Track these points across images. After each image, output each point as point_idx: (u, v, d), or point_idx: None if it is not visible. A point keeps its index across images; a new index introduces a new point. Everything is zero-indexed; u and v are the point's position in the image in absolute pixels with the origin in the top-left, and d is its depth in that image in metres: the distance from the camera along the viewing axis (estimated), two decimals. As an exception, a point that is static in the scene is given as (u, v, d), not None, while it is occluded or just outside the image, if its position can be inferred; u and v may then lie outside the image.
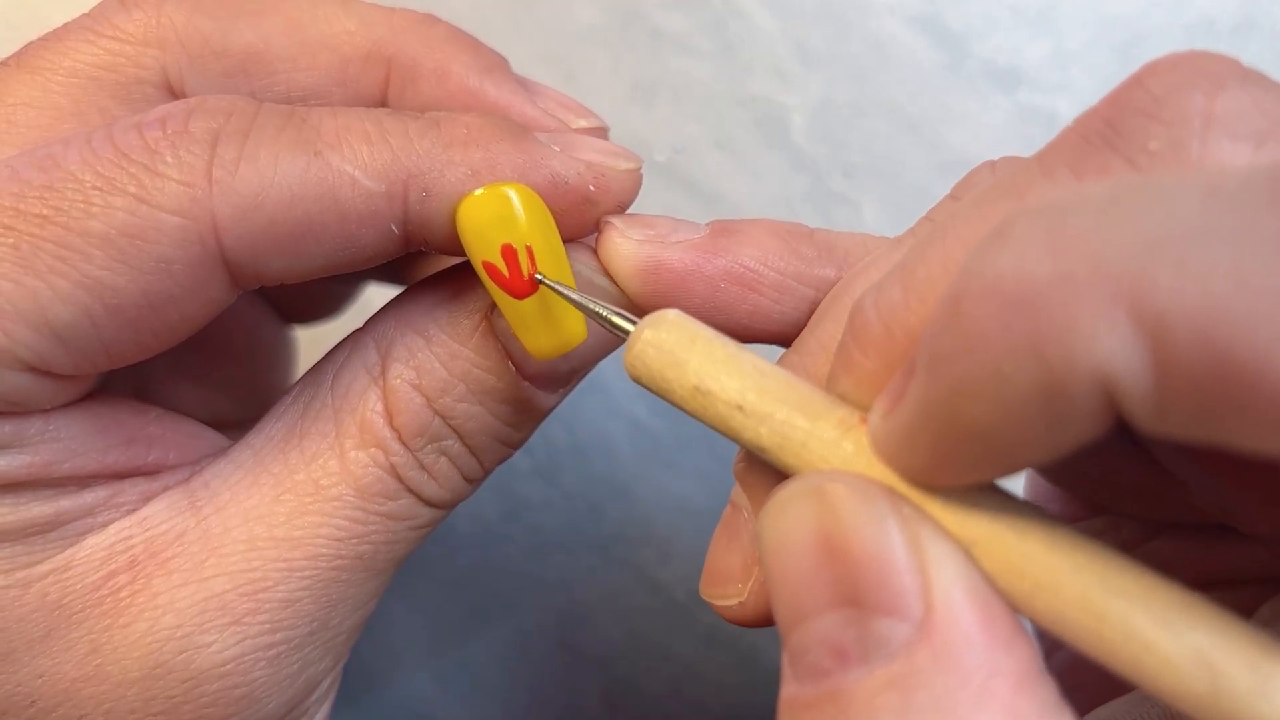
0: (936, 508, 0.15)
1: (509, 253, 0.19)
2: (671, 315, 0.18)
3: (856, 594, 0.14)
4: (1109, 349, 0.12)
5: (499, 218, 0.19)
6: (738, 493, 0.20)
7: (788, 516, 0.15)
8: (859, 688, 0.13)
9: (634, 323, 0.18)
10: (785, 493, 0.15)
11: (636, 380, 0.18)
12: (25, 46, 0.21)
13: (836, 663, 0.14)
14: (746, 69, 0.37)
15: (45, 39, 0.21)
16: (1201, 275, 0.11)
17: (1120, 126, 0.15)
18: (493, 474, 0.38)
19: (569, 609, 0.37)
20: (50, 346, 0.18)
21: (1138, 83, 0.15)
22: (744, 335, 0.21)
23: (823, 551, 0.14)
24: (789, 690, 0.14)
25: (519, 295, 0.19)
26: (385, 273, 0.29)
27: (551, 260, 0.20)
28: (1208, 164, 0.14)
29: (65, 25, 0.21)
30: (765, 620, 0.19)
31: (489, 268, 0.19)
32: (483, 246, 0.19)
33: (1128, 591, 0.13)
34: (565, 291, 0.20)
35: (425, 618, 0.38)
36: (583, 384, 0.39)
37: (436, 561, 0.38)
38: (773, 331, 0.21)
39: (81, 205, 0.17)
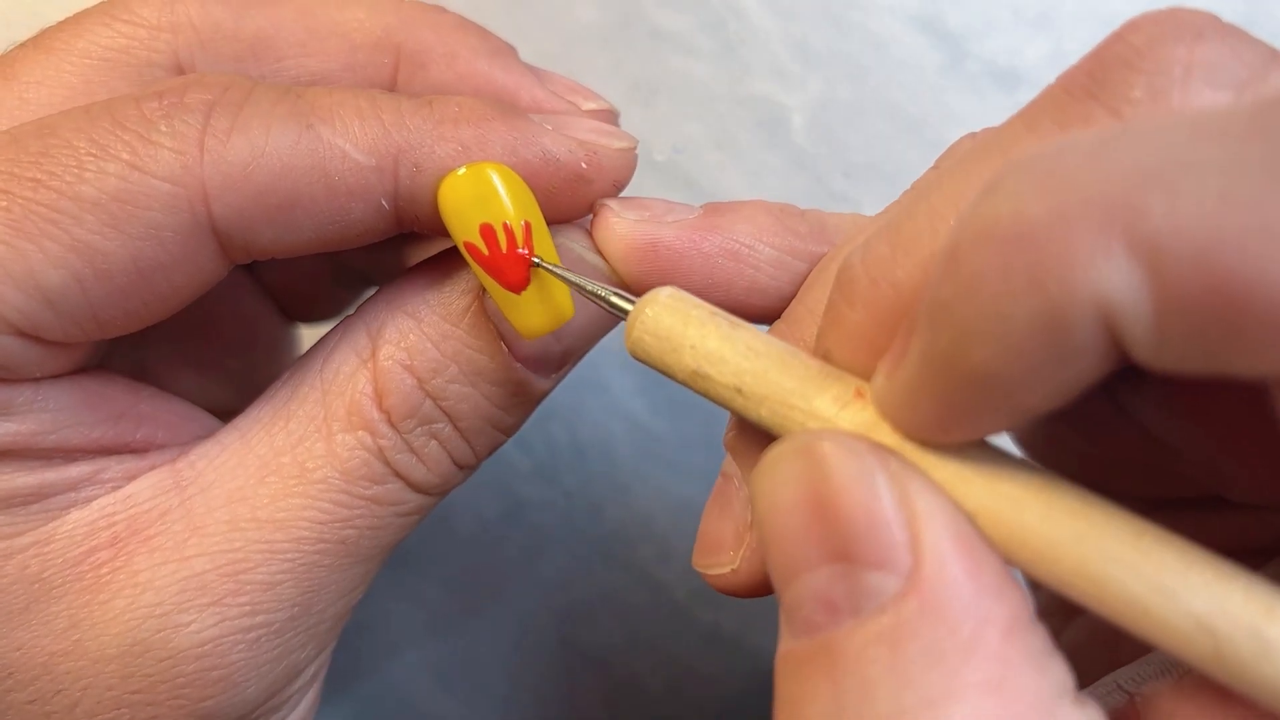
0: (938, 479, 0.15)
1: (488, 232, 0.19)
2: (664, 296, 0.17)
3: (846, 549, 0.14)
4: (1107, 279, 0.12)
5: (478, 197, 0.19)
6: (729, 463, 0.20)
7: (778, 475, 0.15)
8: (851, 640, 0.14)
9: (632, 302, 0.18)
10: (775, 452, 0.15)
11: (640, 362, 0.18)
12: (44, 30, 0.21)
13: (828, 617, 0.14)
14: (746, 69, 0.37)
15: (63, 23, 0.21)
16: (1193, 201, 0.11)
17: (1102, 78, 0.15)
18: (493, 474, 0.38)
19: (569, 609, 0.37)
20: (40, 310, 0.18)
21: (1119, 37, 0.15)
22: (741, 311, 0.21)
23: (812, 508, 0.14)
24: (785, 645, 0.15)
25: (501, 274, 0.19)
26: (388, 272, 0.29)
27: (536, 241, 0.20)
28: (1189, 110, 0.14)
29: (84, 10, 0.21)
30: (757, 588, 0.19)
31: (470, 248, 0.19)
32: (462, 226, 0.19)
33: (1125, 559, 0.13)
34: (562, 273, 0.19)
35: (425, 617, 0.37)
36: (583, 384, 0.39)
37: (436, 561, 0.38)
38: (770, 307, 0.21)
39: (74, 170, 0.17)
